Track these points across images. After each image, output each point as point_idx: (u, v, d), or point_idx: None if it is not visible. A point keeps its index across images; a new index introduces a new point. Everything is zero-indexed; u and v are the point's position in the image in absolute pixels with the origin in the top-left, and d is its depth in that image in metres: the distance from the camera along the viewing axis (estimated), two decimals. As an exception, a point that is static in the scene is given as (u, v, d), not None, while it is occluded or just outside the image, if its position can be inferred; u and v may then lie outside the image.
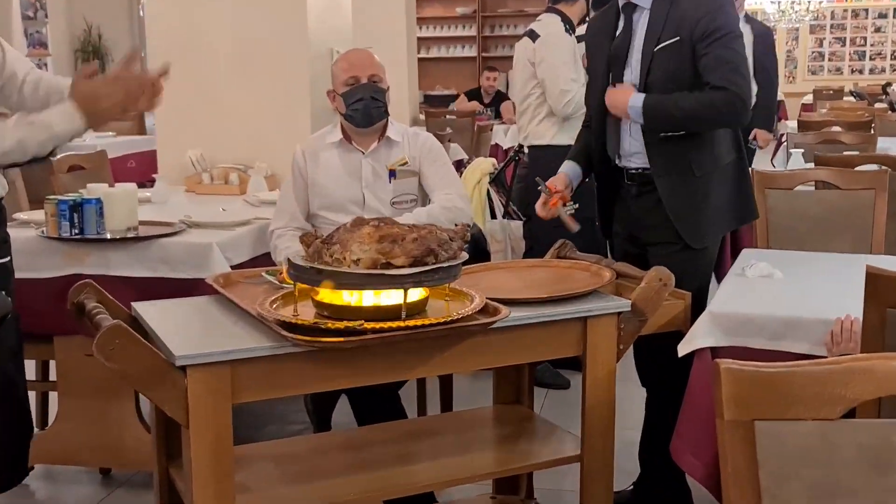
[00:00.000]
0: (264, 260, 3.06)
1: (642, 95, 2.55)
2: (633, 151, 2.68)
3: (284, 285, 2.23)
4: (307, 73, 4.16)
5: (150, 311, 2.11)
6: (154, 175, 4.00)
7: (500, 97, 8.88)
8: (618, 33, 2.67)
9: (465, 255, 1.97)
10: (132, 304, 2.17)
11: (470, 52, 12.22)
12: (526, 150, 4.11)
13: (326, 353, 1.88)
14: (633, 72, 2.61)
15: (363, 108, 2.96)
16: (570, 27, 3.93)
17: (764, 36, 5.42)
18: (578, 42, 3.97)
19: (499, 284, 2.30)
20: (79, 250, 2.92)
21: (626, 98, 2.55)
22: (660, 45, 2.54)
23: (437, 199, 2.99)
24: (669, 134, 2.58)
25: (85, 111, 2.08)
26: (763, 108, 5.36)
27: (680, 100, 2.52)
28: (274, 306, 1.98)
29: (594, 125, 2.79)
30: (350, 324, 1.82)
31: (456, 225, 2.06)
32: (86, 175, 4.04)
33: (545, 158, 3.76)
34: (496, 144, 7.88)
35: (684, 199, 2.62)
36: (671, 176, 2.62)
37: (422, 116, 8.22)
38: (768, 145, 5.50)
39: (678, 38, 2.52)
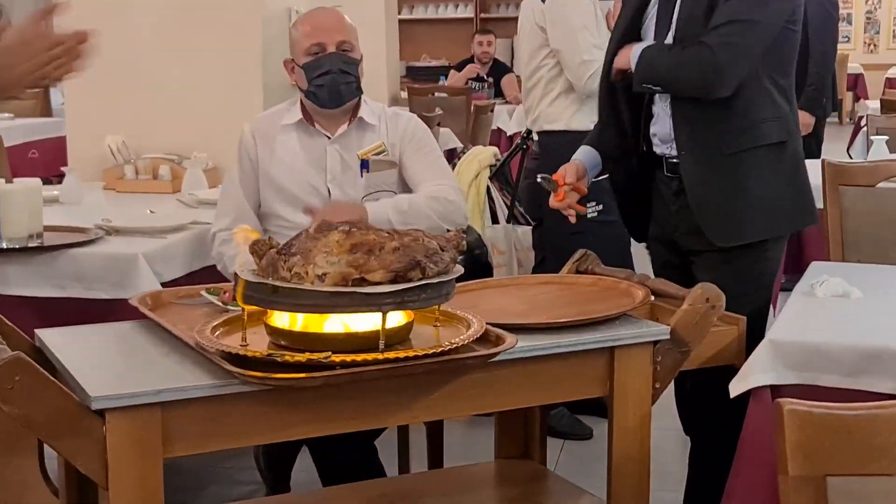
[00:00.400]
0: (204, 275, 3.07)
1: (642, 46, 2.68)
2: (672, 136, 2.72)
3: (230, 307, 2.24)
4: (259, 39, 4.19)
5: (58, 341, 2.11)
6: (63, 168, 4.00)
7: (501, 69, 8.89)
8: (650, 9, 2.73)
9: (459, 269, 1.98)
10: (35, 331, 2.17)
11: (465, 12, 12.28)
12: (535, 137, 4.13)
13: (283, 394, 1.88)
14: (671, 33, 2.69)
15: (330, 83, 2.97)
16: None
17: None
18: None
19: (502, 306, 2.31)
20: (-33, 263, 2.92)
21: (630, 51, 2.69)
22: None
23: (422, 190, 3.00)
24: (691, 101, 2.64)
25: None
26: (811, 86, 5.38)
27: (668, 53, 2.64)
28: (217, 334, 1.98)
29: (605, 96, 2.83)
30: (314, 356, 1.82)
31: (448, 231, 2.07)
32: (-24, 168, 4.05)
33: (560, 147, 3.78)
34: (498, 129, 7.92)
35: (709, 184, 2.65)
36: (695, 153, 2.65)
37: (404, 94, 8.26)
38: (808, 130, 5.53)
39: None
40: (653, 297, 2.39)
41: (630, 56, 2.67)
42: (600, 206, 3.01)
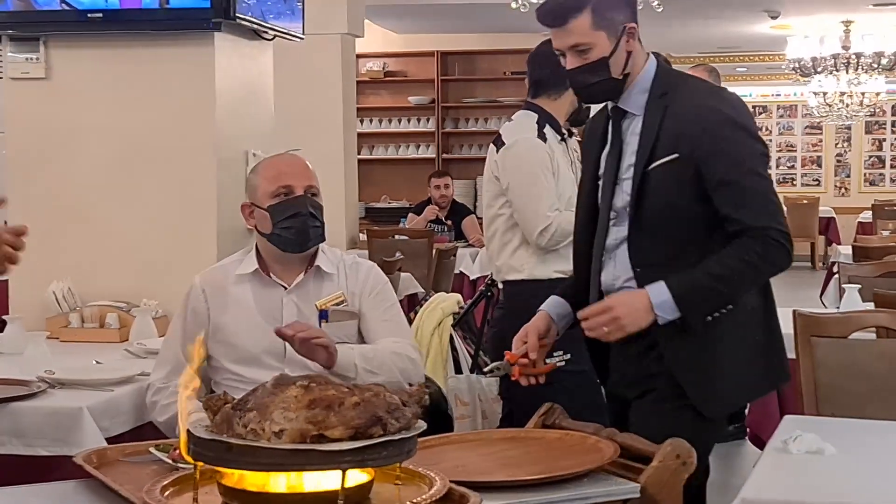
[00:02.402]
0: (152, 429, 3.06)
1: (662, 286, 2.57)
2: (617, 276, 2.75)
3: (180, 465, 2.24)
4: (214, 183, 4.24)
5: (-3, 501, 2.11)
6: (4, 317, 4.00)
7: (460, 211, 9.01)
8: (607, 145, 2.80)
9: (422, 425, 2.00)
10: (-27, 491, 2.17)
11: (426, 152, 12.48)
12: (500, 286, 4.18)
13: (236, 559, 1.88)
14: (623, 194, 2.73)
15: (300, 225, 3.03)
16: (553, 127, 4.02)
17: None
18: (564, 140, 4.07)
19: (465, 463, 2.33)
20: None
21: (644, 300, 2.58)
22: (655, 164, 2.65)
23: (384, 344, 3.04)
24: (661, 263, 2.65)
25: None
26: None
27: (713, 268, 2.58)
28: (166, 494, 1.98)
29: (577, 249, 2.90)
30: (269, 517, 1.83)
31: (410, 385, 2.11)
32: (-89, 315, 4.04)
33: (524, 296, 3.81)
34: (461, 273, 7.99)
35: (689, 356, 2.66)
36: (668, 325, 2.62)
37: (363, 236, 8.35)
38: None
39: (676, 154, 2.63)
40: (621, 454, 2.41)
41: (653, 310, 2.58)
42: (568, 356, 3.02)
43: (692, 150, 2.62)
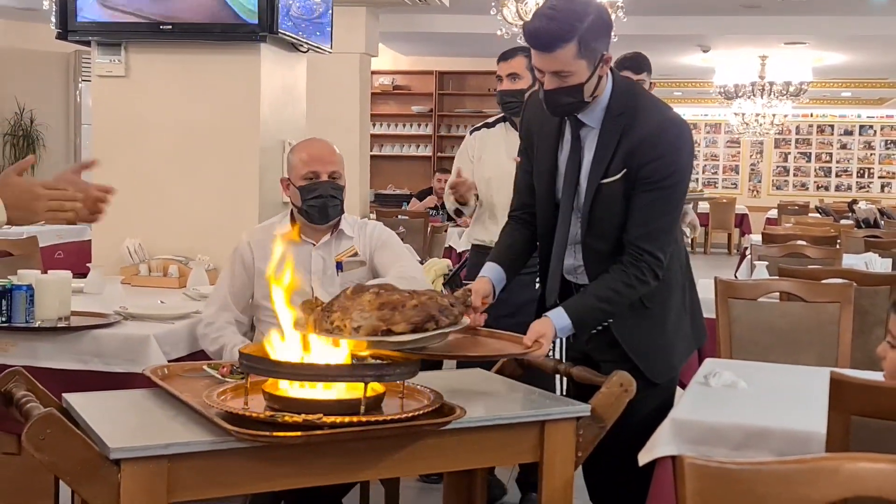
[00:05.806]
0: (204, 355, 3.07)
1: (562, 314, 2.40)
2: (577, 265, 2.59)
3: (227, 379, 2.26)
4: (257, 165, 4.25)
5: (82, 403, 2.11)
6: (88, 265, 4.00)
7: None
8: (564, 146, 2.54)
9: (466, 321, 2.06)
10: (63, 395, 2.17)
11: (425, 151, 12.48)
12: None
13: (272, 451, 1.90)
14: (580, 200, 2.51)
15: (321, 205, 3.03)
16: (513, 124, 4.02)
17: None
18: None
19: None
20: (4, 339, 2.91)
21: (552, 329, 2.38)
22: (608, 179, 2.44)
23: (392, 272, 3.02)
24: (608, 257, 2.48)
25: (12, 204, 2.00)
26: None
27: (602, 292, 2.44)
28: (222, 398, 2.00)
29: (542, 236, 2.65)
30: (309, 417, 1.85)
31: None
32: (14, 262, 4.04)
33: (483, 257, 3.84)
34: (450, 247, 8.01)
35: (641, 336, 2.55)
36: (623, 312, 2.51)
37: (372, 216, 8.34)
38: None
39: (626, 170, 2.42)
40: (575, 381, 2.43)
41: (558, 335, 2.41)
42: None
43: (637, 169, 2.41)
